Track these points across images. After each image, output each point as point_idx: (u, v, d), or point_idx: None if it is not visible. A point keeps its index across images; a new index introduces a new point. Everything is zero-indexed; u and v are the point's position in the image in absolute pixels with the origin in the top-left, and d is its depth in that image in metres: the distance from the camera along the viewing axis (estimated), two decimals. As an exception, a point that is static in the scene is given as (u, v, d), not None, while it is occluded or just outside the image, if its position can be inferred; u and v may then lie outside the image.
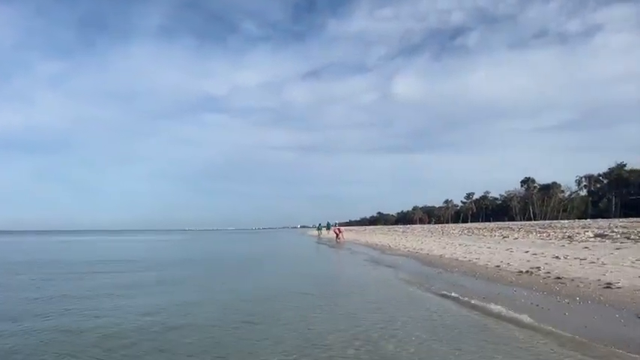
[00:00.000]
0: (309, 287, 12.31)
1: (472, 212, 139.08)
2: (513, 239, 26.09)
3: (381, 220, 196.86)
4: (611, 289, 9.29)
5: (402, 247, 28.20)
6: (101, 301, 9.97)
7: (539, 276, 11.88)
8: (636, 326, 6.54)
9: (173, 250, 35.52)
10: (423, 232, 54.08)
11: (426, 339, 6.26)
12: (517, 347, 5.78)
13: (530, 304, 8.57)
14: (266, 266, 20.56)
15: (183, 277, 15.17)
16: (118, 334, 6.73)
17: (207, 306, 9.30)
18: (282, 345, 6.07)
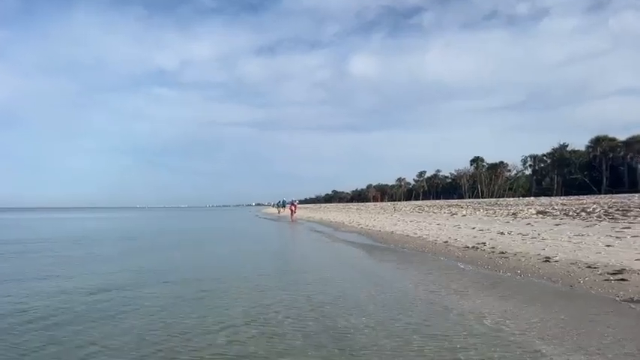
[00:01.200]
0: (261, 265, 12.34)
1: (424, 190, 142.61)
2: (461, 216, 27.01)
3: (336, 198, 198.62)
4: (549, 262, 9.82)
5: (356, 224, 28.65)
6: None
7: (485, 251, 12.39)
8: (569, 296, 6.96)
9: (123, 229, 34.55)
10: (377, 209, 55.06)
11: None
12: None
13: (478, 278, 8.94)
14: (222, 245, 20.38)
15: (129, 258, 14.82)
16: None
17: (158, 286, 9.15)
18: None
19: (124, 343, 5.05)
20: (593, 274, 8.29)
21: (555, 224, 17.03)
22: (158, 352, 4.73)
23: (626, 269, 8.30)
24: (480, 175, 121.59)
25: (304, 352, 4.69)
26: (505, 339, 4.99)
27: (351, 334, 5.30)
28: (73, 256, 14.59)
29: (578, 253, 10.44)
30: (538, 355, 4.45)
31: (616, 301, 6.53)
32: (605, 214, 18.79)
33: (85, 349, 4.83)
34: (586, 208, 21.93)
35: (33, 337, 5.32)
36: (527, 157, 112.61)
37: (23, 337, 5.33)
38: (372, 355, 4.56)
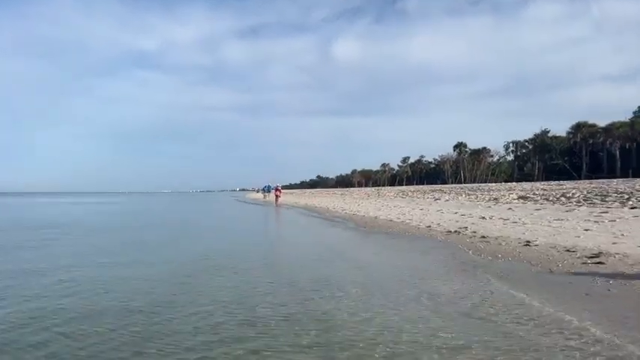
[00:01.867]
0: (248, 250, 12.33)
1: (407, 175, 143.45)
2: (444, 201, 27.28)
3: (321, 184, 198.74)
4: (529, 246, 9.98)
5: (340, 210, 28.75)
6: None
7: (466, 235, 12.55)
8: (548, 280, 7.09)
9: (107, 216, 34.15)
10: (361, 195, 55.28)
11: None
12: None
13: (461, 262, 9.06)
14: (213, 233, 20.28)
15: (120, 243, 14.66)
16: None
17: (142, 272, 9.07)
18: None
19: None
20: (571, 257, 8.46)
21: (536, 209, 17.30)
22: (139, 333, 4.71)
23: (604, 253, 8.49)
24: (462, 160, 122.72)
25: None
26: (484, 320, 5.07)
27: (333, 311, 5.34)
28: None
29: (558, 238, 10.63)
30: (510, 330, 4.54)
31: (593, 283, 6.68)
32: (585, 199, 19.14)
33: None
34: (566, 194, 22.29)
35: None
36: (509, 143, 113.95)
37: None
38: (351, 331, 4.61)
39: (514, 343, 4.35)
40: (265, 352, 4.27)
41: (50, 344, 4.50)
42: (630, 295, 5.94)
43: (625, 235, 10.23)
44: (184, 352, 4.27)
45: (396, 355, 4.16)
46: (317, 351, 4.29)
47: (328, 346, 4.41)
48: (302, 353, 4.24)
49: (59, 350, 4.34)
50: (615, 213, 13.93)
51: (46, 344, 4.50)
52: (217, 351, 4.30)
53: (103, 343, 4.51)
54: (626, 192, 20.40)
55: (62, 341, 4.58)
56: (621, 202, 16.81)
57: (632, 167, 75.54)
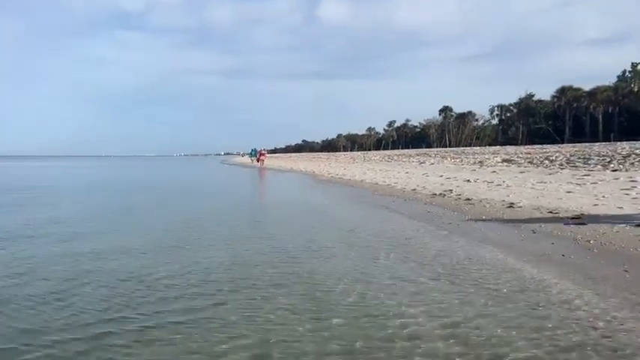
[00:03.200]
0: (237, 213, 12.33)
1: (393, 140, 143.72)
2: (429, 165, 27.44)
3: (306, 148, 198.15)
4: (513, 208, 10.12)
5: (326, 174, 28.77)
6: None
7: (451, 198, 12.67)
8: (531, 240, 7.22)
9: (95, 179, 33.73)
10: (347, 159, 55.35)
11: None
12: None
13: (442, 223, 9.17)
14: (206, 196, 20.15)
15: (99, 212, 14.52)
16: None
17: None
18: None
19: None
20: (554, 218, 8.60)
21: (520, 172, 17.50)
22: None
23: (585, 214, 8.64)
24: (448, 124, 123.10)
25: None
26: (466, 277, 5.16)
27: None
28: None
29: (541, 199, 10.79)
30: (490, 288, 4.63)
31: (575, 240, 6.82)
32: (568, 162, 19.40)
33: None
34: (549, 157, 22.56)
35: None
36: (494, 107, 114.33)
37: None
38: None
39: (493, 300, 4.44)
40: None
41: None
42: (609, 254, 6.08)
43: (606, 197, 10.41)
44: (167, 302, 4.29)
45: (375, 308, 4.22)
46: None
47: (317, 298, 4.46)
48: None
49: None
50: (597, 176, 14.15)
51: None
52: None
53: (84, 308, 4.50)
54: (608, 155, 20.71)
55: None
56: (603, 165, 17.07)
57: (614, 131, 76.61)
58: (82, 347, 3.50)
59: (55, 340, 3.63)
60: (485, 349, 3.38)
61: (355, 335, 3.68)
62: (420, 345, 3.48)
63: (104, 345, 3.53)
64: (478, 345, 3.46)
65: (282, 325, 3.92)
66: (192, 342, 3.58)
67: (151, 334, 3.75)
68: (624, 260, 5.75)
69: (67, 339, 3.64)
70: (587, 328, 3.73)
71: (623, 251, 6.17)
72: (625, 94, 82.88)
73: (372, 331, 3.77)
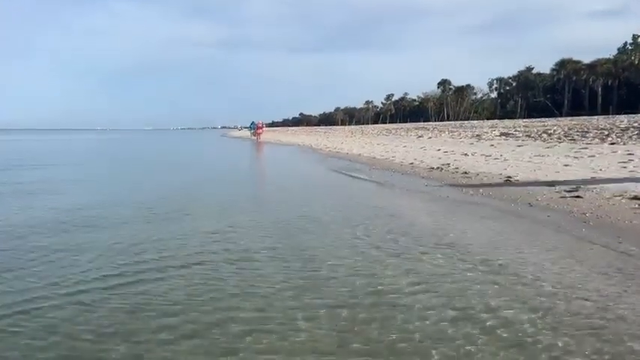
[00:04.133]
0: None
1: (391, 113, 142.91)
2: (427, 138, 27.38)
3: (304, 122, 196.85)
4: (510, 181, 10.15)
5: (324, 147, 28.71)
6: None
7: (449, 171, 12.68)
8: (529, 211, 7.26)
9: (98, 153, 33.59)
10: (344, 132, 55.13)
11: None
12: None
13: (439, 196, 9.21)
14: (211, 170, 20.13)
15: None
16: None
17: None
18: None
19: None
20: (550, 192, 8.63)
21: (517, 145, 17.47)
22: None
23: (582, 187, 8.67)
24: (446, 98, 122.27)
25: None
26: (463, 250, 5.21)
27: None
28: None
29: (538, 173, 10.81)
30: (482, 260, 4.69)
31: (571, 213, 6.87)
32: (565, 135, 19.37)
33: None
34: (547, 130, 22.51)
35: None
36: (493, 80, 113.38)
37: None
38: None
39: (486, 271, 4.50)
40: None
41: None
42: (605, 226, 6.13)
43: (603, 170, 10.43)
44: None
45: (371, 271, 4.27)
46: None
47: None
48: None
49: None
50: (595, 149, 14.14)
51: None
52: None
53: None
54: (606, 128, 20.68)
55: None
56: (601, 138, 17.05)
57: (613, 104, 76.26)
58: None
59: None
60: (477, 314, 3.43)
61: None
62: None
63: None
64: (472, 311, 3.52)
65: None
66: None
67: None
68: (619, 232, 5.80)
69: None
70: (578, 300, 3.78)
71: (618, 223, 6.22)
72: (625, 67, 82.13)
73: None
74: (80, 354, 3.00)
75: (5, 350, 3.07)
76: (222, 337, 3.21)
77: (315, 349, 3.01)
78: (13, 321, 3.48)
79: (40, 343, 3.13)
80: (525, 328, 3.25)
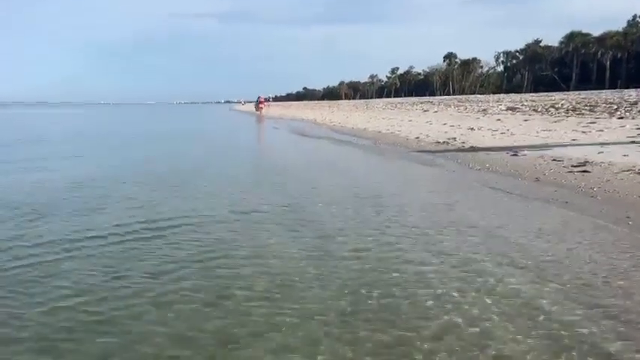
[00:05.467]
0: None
1: (396, 87, 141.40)
2: (433, 113, 27.16)
3: (308, 96, 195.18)
4: (517, 156, 10.09)
5: (328, 122, 28.54)
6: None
7: (455, 146, 12.61)
8: (535, 187, 7.23)
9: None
10: (349, 107, 54.71)
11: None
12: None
13: (446, 171, 9.18)
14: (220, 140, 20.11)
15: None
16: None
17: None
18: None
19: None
20: (557, 166, 8.58)
21: (524, 120, 17.32)
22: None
23: (589, 162, 8.61)
24: (452, 71, 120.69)
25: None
26: (470, 226, 5.21)
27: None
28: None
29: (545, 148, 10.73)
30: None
31: (578, 188, 6.84)
32: (573, 109, 19.16)
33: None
34: (555, 104, 22.27)
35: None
36: (500, 54, 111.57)
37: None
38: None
39: (488, 241, 4.51)
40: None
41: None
42: (613, 201, 6.10)
43: (611, 144, 10.34)
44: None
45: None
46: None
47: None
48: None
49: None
50: (603, 123, 14.01)
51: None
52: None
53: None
54: (615, 102, 20.43)
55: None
56: (609, 112, 16.86)
57: (622, 78, 75.13)
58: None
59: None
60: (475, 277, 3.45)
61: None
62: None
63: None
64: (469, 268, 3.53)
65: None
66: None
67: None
68: (627, 207, 5.78)
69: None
70: (587, 274, 3.79)
71: (626, 198, 6.19)
72: (634, 40, 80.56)
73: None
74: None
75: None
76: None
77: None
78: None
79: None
80: (536, 300, 3.27)
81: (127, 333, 2.89)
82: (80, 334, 2.88)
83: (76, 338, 2.83)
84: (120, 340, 2.82)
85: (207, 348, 2.72)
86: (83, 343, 2.78)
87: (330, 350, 2.67)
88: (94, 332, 2.90)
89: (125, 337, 2.85)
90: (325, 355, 2.63)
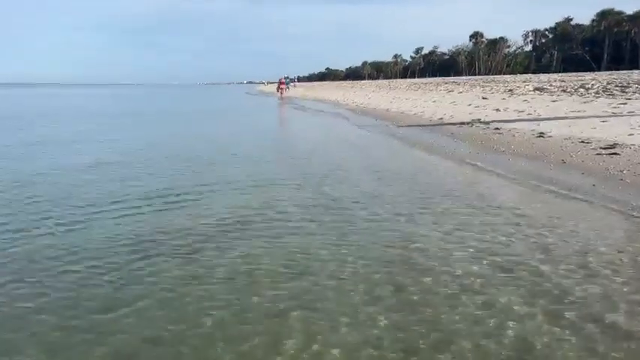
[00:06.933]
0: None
1: (420, 68, 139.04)
2: (458, 93, 26.65)
3: (330, 76, 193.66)
4: (543, 138, 9.87)
5: (351, 102, 28.34)
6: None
7: (479, 127, 12.40)
8: (560, 170, 7.10)
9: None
10: (372, 87, 54.13)
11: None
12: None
13: (469, 153, 9.06)
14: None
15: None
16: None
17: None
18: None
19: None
20: (586, 148, 8.37)
21: (552, 101, 16.87)
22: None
23: (619, 144, 8.37)
24: (478, 51, 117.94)
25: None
26: (494, 206, 5.16)
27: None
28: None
29: (573, 129, 10.46)
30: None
31: (607, 170, 6.67)
32: (604, 90, 18.57)
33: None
34: (585, 85, 21.62)
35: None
36: (528, 32, 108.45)
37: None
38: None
39: (518, 224, 4.46)
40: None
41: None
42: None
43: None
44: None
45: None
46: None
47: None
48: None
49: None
50: (634, 104, 13.54)
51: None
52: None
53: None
54: (648, 83, 19.71)
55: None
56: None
57: (656, 58, 72.38)
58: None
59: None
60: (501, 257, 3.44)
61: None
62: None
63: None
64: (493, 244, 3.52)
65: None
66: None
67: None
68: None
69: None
70: (610, 254, 3.74)
71: (657, 181, 6.03)
72: (671, 18, 77.36)
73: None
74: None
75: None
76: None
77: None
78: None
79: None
80: (559, 281, 3.24)
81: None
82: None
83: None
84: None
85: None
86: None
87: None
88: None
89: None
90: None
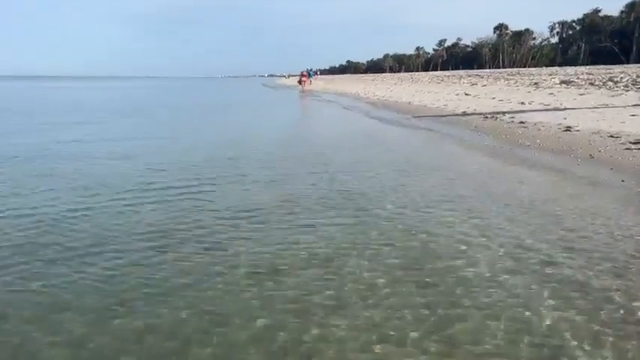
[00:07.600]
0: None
1: (443, 60, 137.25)
2: (482, 86, 26.30)
3: (351, 69, 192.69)
4: (570, 132, 9.66)
5: (372, 96, 28.17)
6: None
7: (504, 120, 12.20)
8: (588, 165, 6.95)
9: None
10: (393, 80, 53.72)
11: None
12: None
13: (493, 146, 8.94)
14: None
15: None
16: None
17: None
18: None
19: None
20: (614, 143, 8.17)
21: (579, 94, 16.51)
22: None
23: (649, 138, 8.15)
24: (502, 43, 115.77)
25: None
26: (519, 198, 5.09)
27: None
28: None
29: (601, 123, 10.21)
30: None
31: (637, 166, 6.51)
32: (633, 83, 18.10)
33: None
34: (613, 78, 21.09)
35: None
36: (555, 24, 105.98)
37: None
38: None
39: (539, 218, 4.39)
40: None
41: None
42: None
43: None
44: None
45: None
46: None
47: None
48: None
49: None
50: (666, 98, 13.18)
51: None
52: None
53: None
54: (680, 76, 19.12)
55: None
56: (673, 86, 15.81)
57: (689, 50, 70.01)
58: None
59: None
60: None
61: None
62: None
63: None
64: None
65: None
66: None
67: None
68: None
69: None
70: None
71: (689, 177, 5.85)
72: None
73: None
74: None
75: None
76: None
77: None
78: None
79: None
80: (587, 275, 3.19)
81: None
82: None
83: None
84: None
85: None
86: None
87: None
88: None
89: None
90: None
